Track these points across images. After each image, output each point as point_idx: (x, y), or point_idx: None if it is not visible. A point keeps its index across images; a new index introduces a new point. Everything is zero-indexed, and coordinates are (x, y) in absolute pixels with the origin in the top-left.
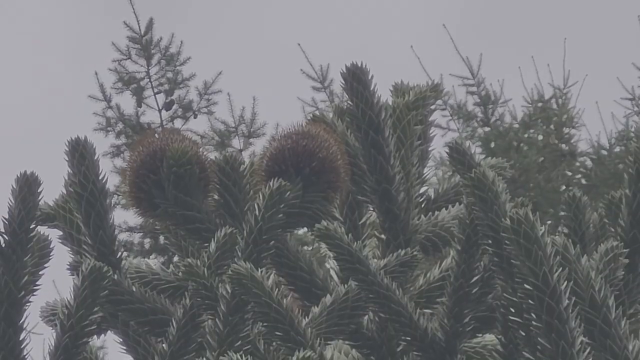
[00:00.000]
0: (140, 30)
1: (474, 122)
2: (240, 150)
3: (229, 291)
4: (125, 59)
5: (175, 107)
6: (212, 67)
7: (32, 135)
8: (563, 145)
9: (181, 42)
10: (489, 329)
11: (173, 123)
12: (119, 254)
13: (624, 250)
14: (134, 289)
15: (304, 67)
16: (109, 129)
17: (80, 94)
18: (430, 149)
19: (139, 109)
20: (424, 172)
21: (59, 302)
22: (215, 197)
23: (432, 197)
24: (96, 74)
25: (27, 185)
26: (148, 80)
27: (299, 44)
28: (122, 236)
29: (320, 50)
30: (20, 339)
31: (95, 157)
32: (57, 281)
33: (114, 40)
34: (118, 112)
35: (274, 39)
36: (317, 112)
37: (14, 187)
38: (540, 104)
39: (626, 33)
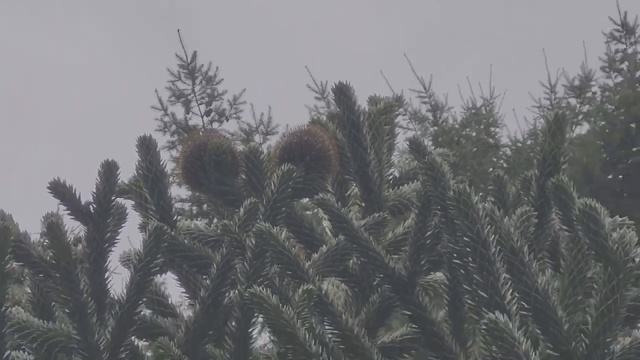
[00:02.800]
0: (187, 59)
1: (426, 124)
2: (260, 144)
3: (254, 243)
4: (177, 80)
5: (213, 114)
6: (238, 83)
7: (113, 133)
8: (490, 140)
9: (217, 67)
10: (439, 269)
11: (212, 125)
12: (175, 217)
13: (534, 213)
14: (186, 242)
15: (309, 82)
16: (165, 129)
17: (145, 105)
18: (395, 142)
19: (187, 115)
20: (391, 159)
21: (132, 251)
22: (243, 177)
23: (397, 176)
24: (156, 91)
25: (109, 169)
26: (193, 95)
27: (306, 67)
28: (177, 205)
29: (319, 67)
30: (105, 277)
31: (157, 149)
32: (130, 237)
33: (168, 66)
34: (172, 117)
35: (286, 59)
36: (315, 116)
37: (100, 170)
38: (473, 110)
39: (535, 60)
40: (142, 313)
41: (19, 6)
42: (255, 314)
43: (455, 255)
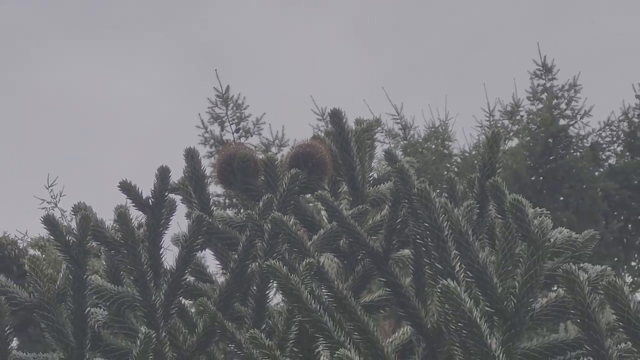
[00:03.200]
0: (222, 91)
1: (398, 139)
2: (275, 154)
3: (270, 227)
4: (214, 106)
5: (241, 131)
6: (260, 108)
7: (167, 145)
8: (445, 151)
9: (244, 97)
10: (406, 247)
11: (240, 139)
12: (211, 208)
13: (476, 205)
14: (220, 226)
15: (313, 107)
16: (205, 143)
17: (191, 124)
18: (374, 153)
19: (221, 132)
20: (372, 165)
21: (180, 233)
22: (262, 178)
23: (376, 177)
24: (199, 114)
25: (163, 172)
26: (226, 117)
27: (311, 96)
28: (213, 199)
29: (320, 95)
30: (160, 253)
31: (199, 158)
32: (179, 223)
33: (208, 96)
34: (210, 134)
35: (296, 90)
36: (316, 133)
37: (157, 173)
38: (432, 129)
39: (478, 91)
40: (187, 280)
41: (94, 52)
42: (271, 281)
43: (418, 236)
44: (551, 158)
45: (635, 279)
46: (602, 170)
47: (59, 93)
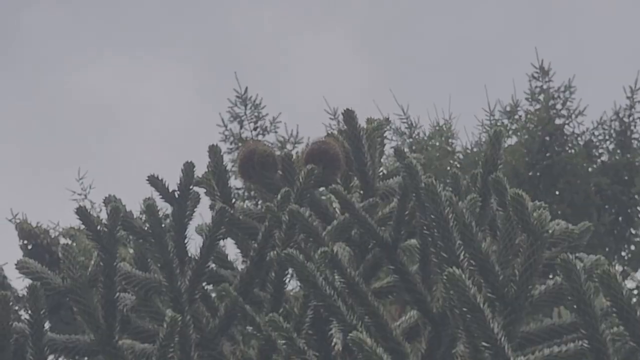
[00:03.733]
0: (241, 92)
1: (404, 137)
2: (291, 151)
3: (287, 218)
4: (234, 106)
5: (259, 129)
6: (276, 107)
7: (191, 143)
8: (449, 148)
9: (261, 98)
10: (413, 237)
11: (258, 137)
12: (233, 200)
13: (479, 199)
14: (240, 217)
15: (326, 107)
16: (226, 140)
17: (212, 123)
18: (384, 150)
19: (240, 130)
20: (381, 161)
21: (204, 224)
22: (280, 173)
23: (385, 173)
24: (220, 114)
25: (188, 167)
26: (245, 116)
27: (324, 97)
28: (234, 192)
29: (332, 96)
30: (185, 241)
31: (221, 154)
32: (203, 214)
33: (229, 97)
34: (231, 132)
35: (309, 91)
36: (329, 132)
37: (182, 168)
38: (437, 127)
39: (480, 93)
40: (210, 267)
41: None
42: (288, 268)
43: (425, 227)
44: (547, 155)
45: (625, 267)
46: (595, 166)
47: (88, 93)
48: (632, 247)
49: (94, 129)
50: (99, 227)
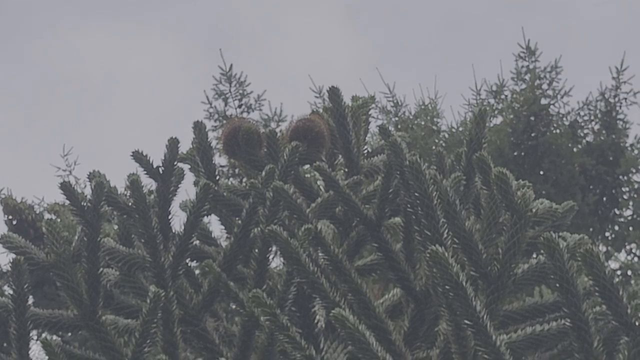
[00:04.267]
0: (226, 69)
1: (390, 116)
2: (275, 128)
3: (271, 195)
4: (219, 83)
5: (243, 107)
6: (261, 85)
7: (175, 119)
8: (434, 127)
9: (246, 75)
10: (397, 215)
11: (242, 114)
12: (217, 177)
13: (463, 177)
14: (225, 194)
15: (311, 85)
16: (211, 117)
17: (197, 100)
18: (369, 128)
19: (225, 108)
20: (366, 139)
21: (188, 200)
22: (265, 150)
23: (370, 151)
24: (204, 91)
25: (172, 143)
26: (230, 94)
27: (309, 75)
28: (219, 168)
29: (318, 75)
30: (169, 217)
31: (205, 131)
32: (187, 190)
33: (213, 74)
34: (215, 109)
35: (295, 69)
36: (314, 109)
37: (166, 144)
38: (423, 106)
39: (467, 72)
40: (194, 243)
41: (106, 29)
42: (272, 245)
43: (409, 205)
44: (533, 135)
45: (609, 248)
46: (579, 146)
47: (73, 67)
48: (616, 228)
49: (79, 104)
50: (83, 203)
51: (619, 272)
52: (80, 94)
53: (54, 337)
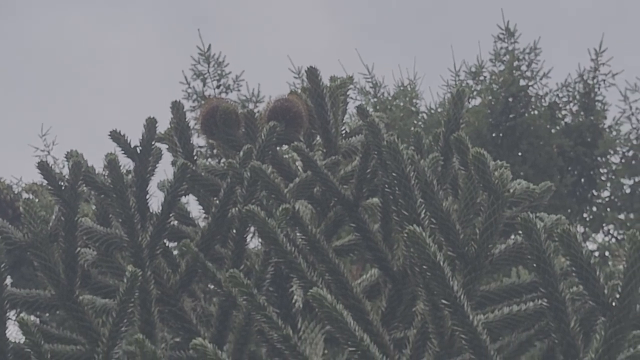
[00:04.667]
0: (204, 49)
1: (369, 97)
2: (253, 108)
3: (249, 175)
4: (197, 64)
5: (221, 87)
6: (239, 66)
7: (153, 98)
8: (412, 108)
9: (225, 56)
10: (375, 195)
11: (221, 95)
12: (195, 157)
13: (441, 158)
14: (202, 174)
15: (290, 66)
16: (189, 98)
17: (175, 81)
18: (347, 108)
19: (203, 88)
20: (344, 119)
21: (166, 180)
22: (243, 130)
23: (348, 131)
24: (183, 71)
25: (150, 123)
26: (208, 74)
27: (288, 55)
28: (197, 149)
29: (297, 55)
30: (147, 197)
31: (183, 110)
32: (166, 170)
33: (192, 54)
34: (193, 89)
35: (274, 49)
36: (293, 89)
37: (144, 124)
38: (402, 87)
39: (446, 53)
40: (171, 223)
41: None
42: (249, 225)
43: (386, 186)
44: (511, 116)
45: (587, 229)
46: (558, 128)
47: (51, 46)
48: (594, 209)
49: (56, 81)
50: (60, 182)
51: (596, 253)
52: (58, 72)
53: (32, 317)
